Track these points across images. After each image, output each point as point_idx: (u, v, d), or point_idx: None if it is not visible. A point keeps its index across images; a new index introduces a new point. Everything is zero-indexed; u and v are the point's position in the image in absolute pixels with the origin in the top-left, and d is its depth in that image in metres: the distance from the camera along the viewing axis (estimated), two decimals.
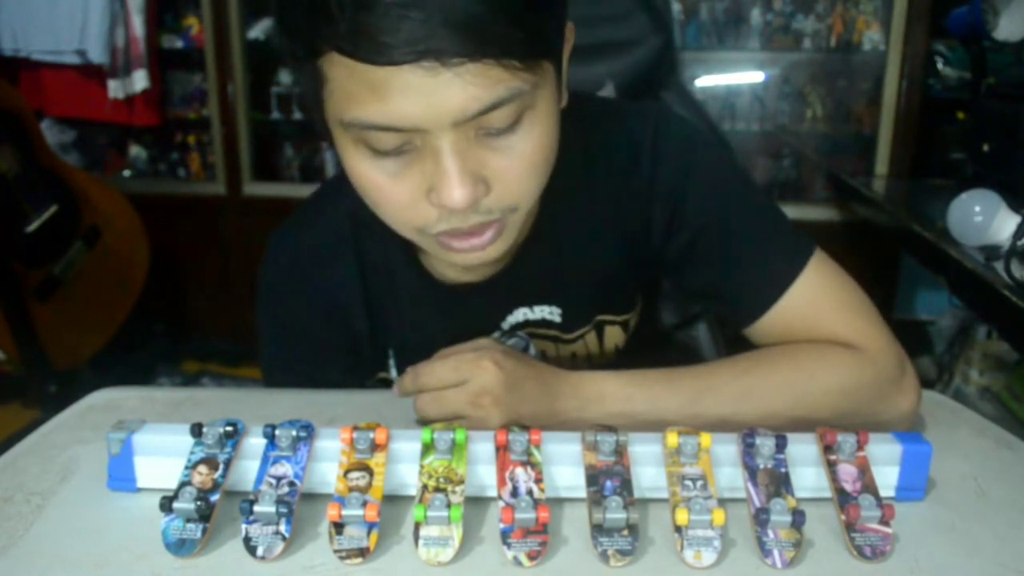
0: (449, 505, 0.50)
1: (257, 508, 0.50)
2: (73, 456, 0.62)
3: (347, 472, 0.53)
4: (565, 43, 0.61)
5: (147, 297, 2.50)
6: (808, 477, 0.56)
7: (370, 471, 0.53)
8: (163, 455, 0.56)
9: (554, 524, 0.53)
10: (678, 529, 0.50)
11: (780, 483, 0.53)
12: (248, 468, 0.55)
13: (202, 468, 0.54)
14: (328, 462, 0.55)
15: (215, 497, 0.52)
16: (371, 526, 0.50)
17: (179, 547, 0.50)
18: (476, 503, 0.55)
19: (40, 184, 2.15)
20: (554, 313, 0.78)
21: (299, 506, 0.52)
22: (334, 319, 0.76)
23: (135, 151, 2.92)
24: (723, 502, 0.52)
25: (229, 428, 0.55)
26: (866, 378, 0.65)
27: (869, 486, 0.53)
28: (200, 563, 0.50)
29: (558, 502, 0.56)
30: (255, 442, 0.56)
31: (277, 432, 0.55)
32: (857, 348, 0.67)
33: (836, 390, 0.65)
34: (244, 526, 0.50)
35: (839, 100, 2.68)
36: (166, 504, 0.51)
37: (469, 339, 0.68)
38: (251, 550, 0.50)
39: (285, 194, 2.72)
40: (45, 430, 0.67)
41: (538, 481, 0.53)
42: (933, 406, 0.73)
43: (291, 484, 0.53)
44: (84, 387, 0.76)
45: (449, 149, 0.54)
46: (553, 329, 0.79)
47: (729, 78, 2.72)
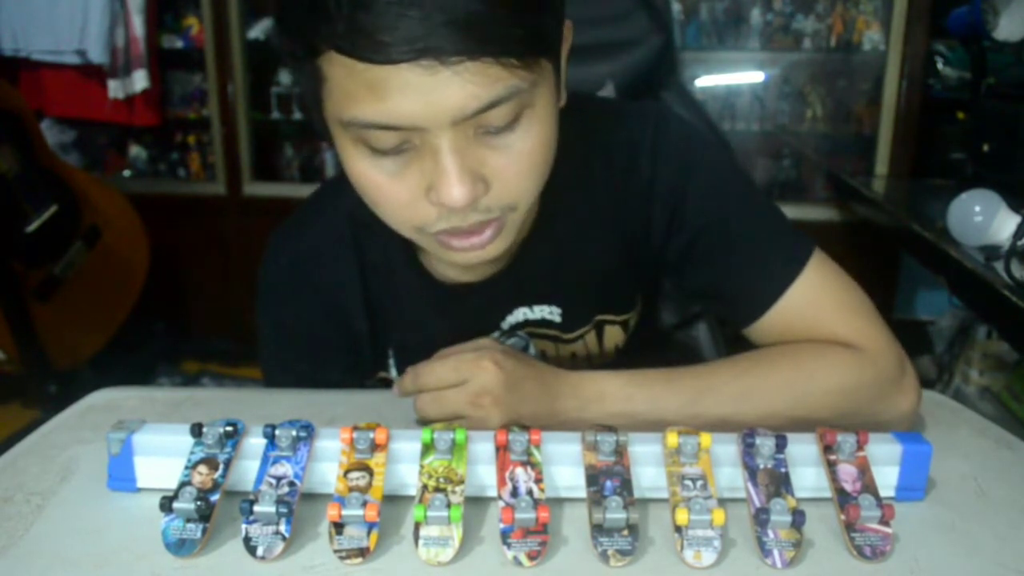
0: (449, 505, 0.50)
1: (257, 508, 0.50)
2: (73, 456, 0.62)
3: (347, 472, 0.53)
4: (564, 42, 0.61)
5: (147, 297, 2.50)
6: (808, 477, 0.56)
7: (370, 471, 0.53)
8: (163, 455, 0.56)
9: (554, 524, 0.53)
10: (678, 529, 0.50)
11: (780, 483, 0.53)
12: (248, 468, 0.55)
13: (202, 468, 0.54)
14: (328, 462, 0.55)
15: (215, 497, 0.52)
16: (371, 526, 0.50)
17: (179, 547, 0.50)
18: (476, 503, 0.55)
19: (40, 184, 2.15)
20: (554, 313, 0.78)
21: (299, 506, 0.52)
22: (334, 319, 0.76)
23: (135, 151, 2.92)
24: (723, 502, 0.52)
25: (229, 428, 0.55)
26: (866, 378, 0.65)
27: (869, 486, 0.53)
28: (200, 563, 0.50)
29: (558, 502, 0.56)
30: (255, 442, 0.56)
31: (277, 432, 0.55)
32: (857, 348, 0.67)
33: (836, 390, 0.65)
34: (244, 526, 0.50)
35: (839, 100, 2.68)
36: (166, 504, 0.51)
37: (469, 339, 0.68)
38: (251, 550, 0.50)
39: (285, 194, 2.72)
40: (45, 430, 0.67)
41: (538, 481, 0.53)
42: (933, 406, 0.73)
43: (291, 484, 0.53)
44: (84, 387, 0.76)
45: (448, 148, 0.54)
46: (553, 329, 0.79)
47: (729, 78, 2.72)
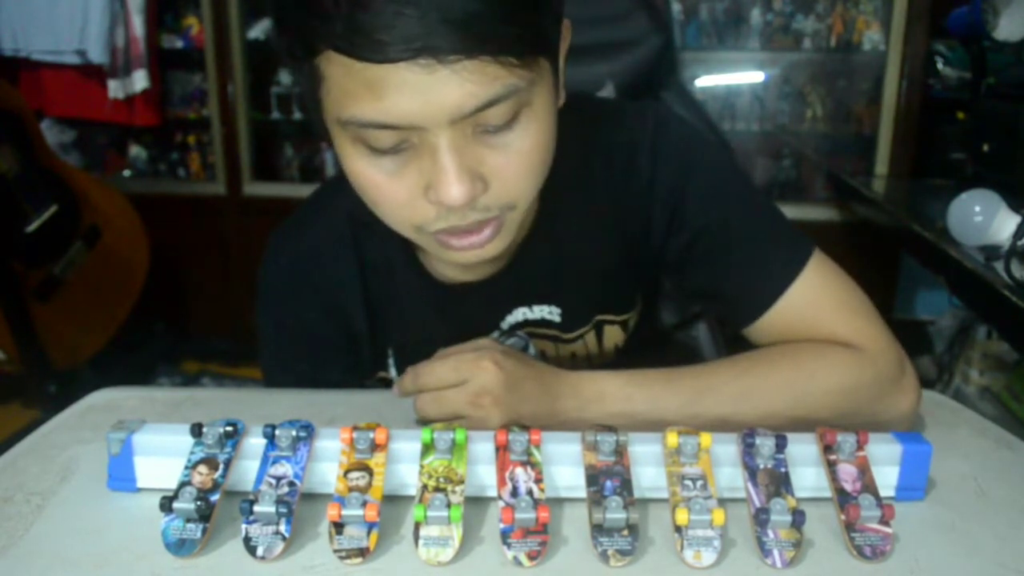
0: (449, 505, 0.50)
1: (257, 508, 0.50)
2: (73, 456, 0.62)
3: (347, 472, 0.53)
4: (562, 41, 0.61)
5: (147, 297, 2.50)
6: (808, 477, 0.56)
7: (370, 471, 0.53)
8: (163, 455, 0.56)
9: (554, 524, 0.53)
10: (678, 529, 0.50)
11: (780, 483, 0.53)
12: (248, 468, 0.55)
13: (202, 468, 0.54)
14: (328, 462, 0.55)
15: (215, 497, 0.52)
16: (371, 526, 0.50)
17: (179, 547, 0.50)
18: (476, 503, 0.55)
19: (40, 184, 2.15)
20: (553, 313, 0.78)
21: (299, 506, 0.52)
22: (334, 319, 0.77)
23: (135, 151, 2.92)
24: (723, 502, 0.52)
25: (229, 428, 0.55)
26: (866, 378, 0.65)
27: (869, 486, 0.53)
28: (200, 563, 0.50)
29: (558, 502, 0.56)
30: (255, 442, 0.56)
31: (277, 432, 0.55)
32: (857, 348, 0.67)
33: (836, 390, 0.65)
34: (244, 526, 0.50)
35: (839, 100, 2.68)
36: (166, 504, 0.51)
37: (468, 339, 0.68)
38: (251, 550, 0.50)
39: (285, 194, 2.72)
40: (45, 430, 0.67)
41: (538, 481, 0.53)
42: (933, 406, 0.73)
43: (291, 484, 0.53)
44: (84, 387, 0.76)
45: (446, 146, 0.54)
46: (552, 329, 0.79)
47: (729, 78, 2.72)
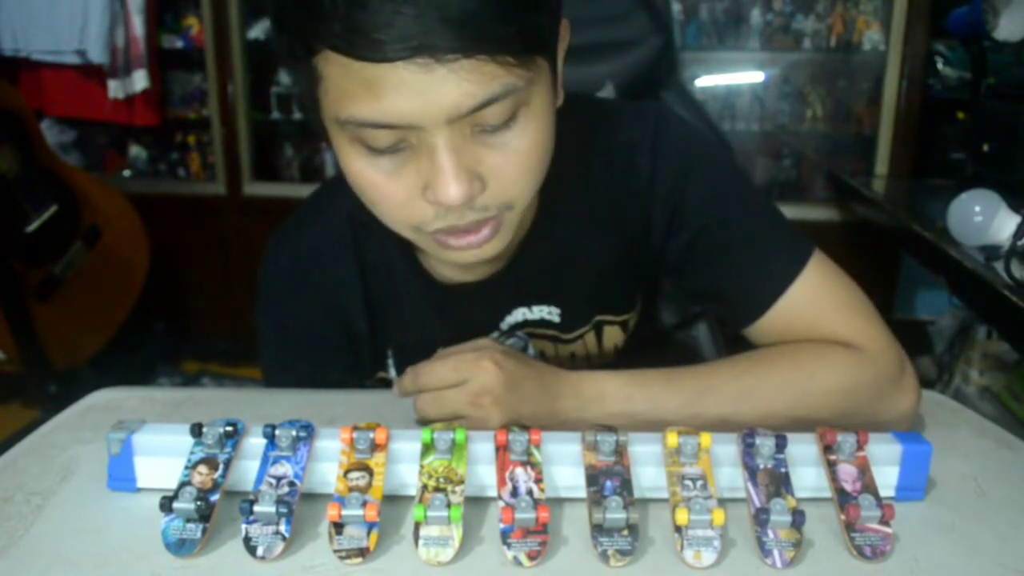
0: (449, 505, 0.50)
1: (257, 508, 0.50)
2: (73, 456, 0.62)
3: (347, 472, 0.53)
4: (560, 41, 0.61)
5: (147, 297, 2.50)
6: (808, 477, 0.56)
7: (370, 471, 0.53)
8: (163, 455, 0.56)
9: (554, 524, 0.53)
10: (678, 529, 0.50)
11: (780, 483, 0.53)
12: (248, 468, 0.55)
13: (202, 468, 0.54)
14: (328, 462, 0.55)
15: (215, 497, 0.52)
16: (371, 526, 0.50)
17: (179, 547, 0.50)
18: (476, 503, 0.55)
19: (40, 184, 2.15)
20: (553, 313, 0.78)
21: (299, 506, 0.52)
22: (333, 319, 0.77)
23: (135, 151, 2.92)
24: (723, 502, 0.52)
25: (229, 428, 0.55)
26: (866, 378, 0.65)
27: (869, 486, 0.53)
28: (200, 563, 0.50)
29: (558, 502, 0.56)
30: (255, 442, 0.56)
31: (277, 432, 0.55)
32: (857, 348, 0.67)
33: (836, 390, 0.65)
34: (244, 526, 0.50)
35: (839, 100, 2.68)
36: (166, 504, 0.51)
37: (468, 339, 0.68)
38: (251, 550, 0.50)
39: (285, 194, 2.72)
40: (45, 430, 0.67)
41: (538, 481, 0.53)
42: (933, 406, 0.73)
43: (291, 484, 0.53)
44: (84, 387, 0.76)
45: (444, 146, 0.54)
46: (552, 329, 0.79)
47: (729, 78, 2.72)
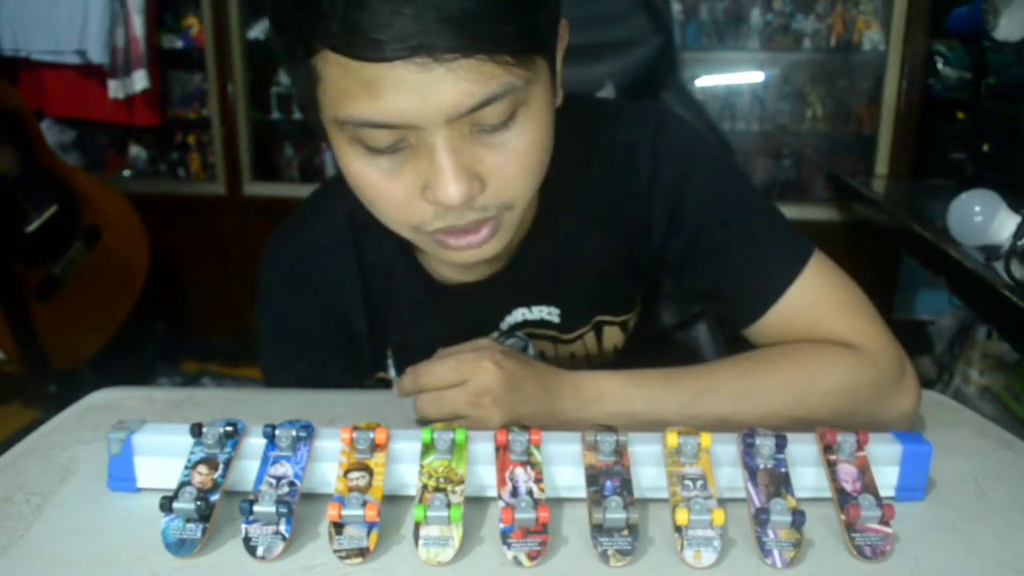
0: (449, 505, 0.50)
1: (257, 508, 0.50)
2: (73, 456, 0.62)
3: (347, 472, 0.53)
4: (559, 41, 0.61)
5: (147, 297, 2.50)
6: (808, 477, 0.56)
7: (370, 471, 0.53)
8: (163, 455, 0.56)
9: (554, 524, 0.53)
10: (678, 529, 0.50)
11: (780, 483, 0.53)
12: (248, 468, 0.55)
13: (202, 468, 0.54)
14: (328, 462, 0.55)
15: (215, 497, 0.52)
16: (371, 526, 0.50)
17: (179, 547, 0.50)
18: (476, 503, 0.55)
19: (40, 184, 2.15)
20: (553, 313, 0.78)
21: (299, 506, 0.52)
22: (333, 319, 0.77)
23: (135, 151, 2.92)
24: (723, 502, 0.52)
25: (229, 428, 0.55)
26: (866, 378, 0.65)
27: (869, 486, 0.53)
28: (200, 563, 0.50)
29: (558, 502, 0.56)
30: (255, 442, 0.56)
31: (277, 432, 0.55)
32: (857, 348, 0.67)
33: (836, 390, 0.65)
34: (244, 526, 0.50)
35: (839, 100, 2.68)
36: (166, 504, 0.51)
37: (468, 339, 0.68)
38: (251, 550, 0.50)
39: (285, 194, 2.72)
40: (45, 430, 0.67)
41: (538, 481, 0.53)
42: (933, 406, 0.73)
43: (291, 484, 0.53)
44: (84, 387, 0.76)
45: (443, 145, 0.54)
46: (552, 329, 0.79)
47: (729, 78, 2.72)
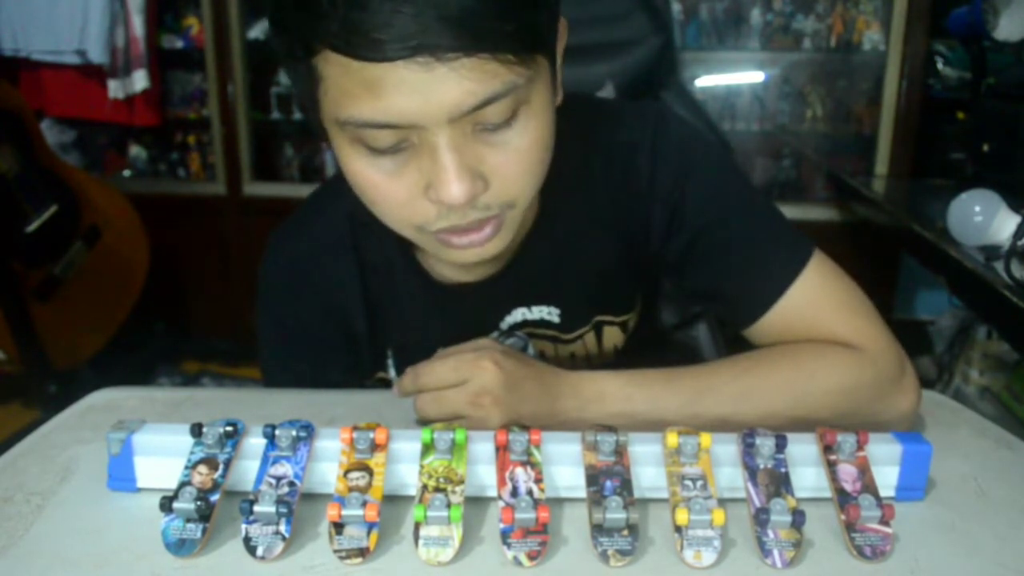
0: (449, 505, 0.50)
1: (257, 508, 0.50)
2: (73, 456, 0.62)
3: (347, 472, 0.53)
4: (559, 39, 0.61)
5: (147, 297, 2.50)
6: (808, 477, 0.56)
7: (370, 471, 0.53)
8: (163, 455, 0.56)
9: (554, 524, 0.53)
10: (678, 529, 0.50)
11: (780, 483, 0.53)
12: (248, 468, 0.55)
13: (202, 468, 0.54)
14: (328, 462, 0.55)
15: (215, 497, 0.52)
16: (371, 526, 0.50)
17: (179, 547, 0.50)
18: (476, 503, 0.55)
19: (40, 184, 2.15)
20: (553, 313, 0.78)
21: (299, 506, 0.52)
22: (333, 319, 0.77)
23: (135, 151, 2.92)
24: (723, 502, 0.52)
25: (229, 428, 0.55)
26: (866, 378, 0.65)
27: (869, 486, 0.53)
28: (200, 563, 0.50)
29: (558, 502, 0.56)
30: (255, 442, 0.56)
31: (277, 432, 0.55)
32: (857, 348, 0.67)
33: (836, 390, 0.65)
34: (244, 526, 0.50)
35: (839, 100, 2.68)
36: (166, 504, 0.51)
37: (468, 339, 0.68)
38: (251, 550, 0.50)
39: (285, 194, 2.72)
40: (45, 430, 0.67)
41: (538, 481, 0.53)
42: (933, 406, 0.73)
43: (291, 484, 0.53)
44: (84, 387, 0.76)
45: (446, 145, 0.54)
46: (552, 329, 0.79)
47: (729, 78, 2.72)
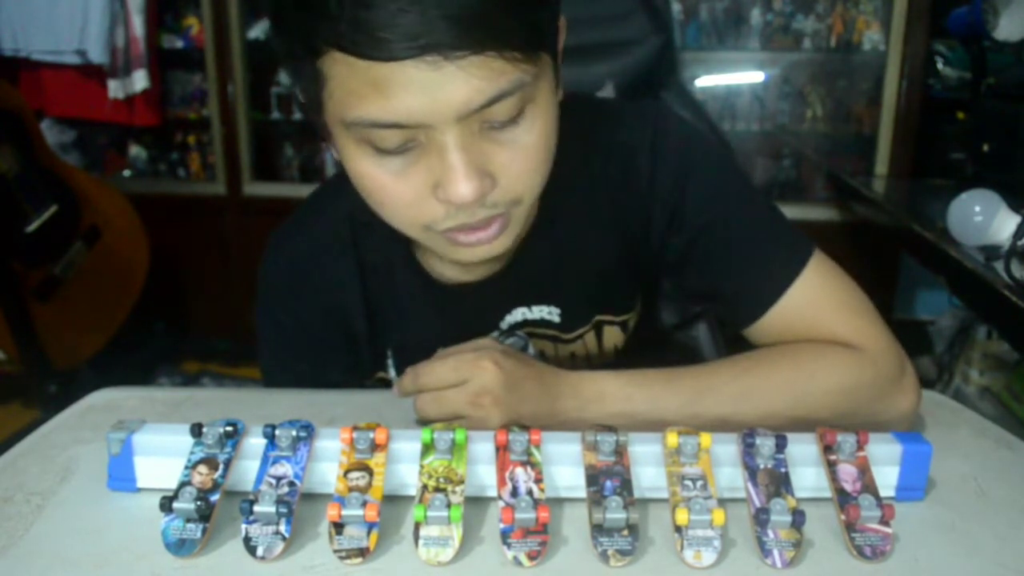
0: (449, 505, 0.50)
1: (257, 508, 0.50)
2: (73, 456, 0.62)
3: (347, 472, 0.53)
4: (559, 37, 0.61)
5: (147, 297, 2.50)
6: (808, 477, 0.56)
7: (370, 471, 0.53)
8: (163, 455, 0.56)
9: (554, 524, 0.53)
10: (678, 529, 0.50)
11: (780, 483, 0.53)
12: (248, 468, 0.55)
13: (202, 468, 0.54)
14: (328, 462, 0.55)
15: (215, 497, 0.52)
16: (371, 526, 0.50)
17: (179, 547, 0.50)
18: (476, 503, 0.55)
19: (40, 184, 2.15)
20: (553, 313, 0.78)
21: (299, 506, 0.52)
22: (333, 319, 0.76)
23: (135, 151, 2.92)
24: (723, 502, 0.52)
25: (229, 428, 0.55)
26: (866, 378, 0.65)
27: (869, 486, 0.53)
28: (200, 563, 0.50)
29: (558, 502, 0.56)
30: (255, 442, 0.56)
31: (277, 432, 0.55)
32: (857, 348, 0.67)
33: (836, 390, 0.65)
34: (244, 526, 0.50)
35: (839, 100, 2.68)
36: (166, 504, 0.51)
37: (468, 339, 0.68)
38: (251, 550, 0.50)
39: (285, 194, 2.72)
40: (45, 430, 0.67)
41: (538, 481, 0.53)
42: (933, 406, 0.73)
43: (291, 484, 0.53)
44: (84, 387, 0.76)
45: (454, 144, 0.54)
46: (552, 329, 0.79)
47: (729, 78, 2.72)
